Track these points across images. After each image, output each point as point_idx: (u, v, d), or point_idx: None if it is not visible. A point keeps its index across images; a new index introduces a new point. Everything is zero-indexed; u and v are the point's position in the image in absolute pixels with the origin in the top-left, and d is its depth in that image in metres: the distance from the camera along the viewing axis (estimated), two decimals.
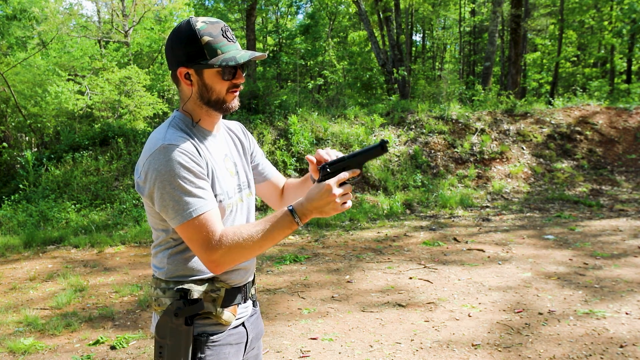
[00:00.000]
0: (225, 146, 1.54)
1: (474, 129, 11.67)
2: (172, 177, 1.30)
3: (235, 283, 1.48)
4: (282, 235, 1.32)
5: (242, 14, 18.99)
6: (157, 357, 1.41)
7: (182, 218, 1.31)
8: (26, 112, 12.64)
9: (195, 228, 1.31)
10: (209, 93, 1.40)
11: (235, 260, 1.33)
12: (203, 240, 1.30)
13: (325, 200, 1.31)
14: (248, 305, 1.56)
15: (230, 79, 1.40)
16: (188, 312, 1.36)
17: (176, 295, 1.38)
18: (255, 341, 1.61)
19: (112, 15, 16.71)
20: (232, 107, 1.44)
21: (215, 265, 1.32)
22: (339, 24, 25.71)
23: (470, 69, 28.89)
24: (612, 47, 22.30)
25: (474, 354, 3.37)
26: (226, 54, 1.36)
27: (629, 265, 5.32)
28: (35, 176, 9.31)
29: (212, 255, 1.30)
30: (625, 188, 10.05)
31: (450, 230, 7.42)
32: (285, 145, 10.17)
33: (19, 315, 4.41)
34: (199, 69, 1.37)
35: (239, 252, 1.30)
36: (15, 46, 15.89)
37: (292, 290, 4.89)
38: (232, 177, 1.49)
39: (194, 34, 1.35)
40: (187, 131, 1.42)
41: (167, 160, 1.31)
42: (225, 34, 1.39)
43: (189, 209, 1.30)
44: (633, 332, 3.61)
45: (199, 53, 1.35)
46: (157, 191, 1.32)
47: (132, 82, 12.54)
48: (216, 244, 1.30)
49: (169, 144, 1.33)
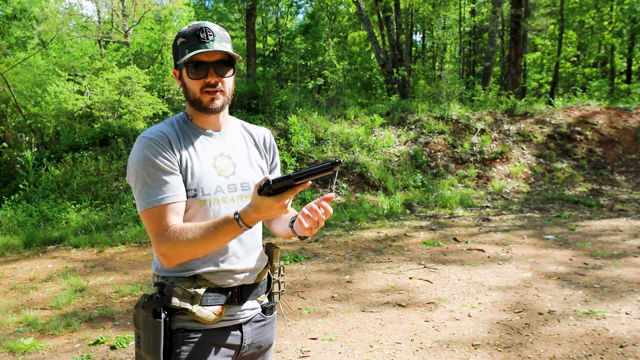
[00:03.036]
0: (228, 146, 1.54)
1: (474, 129, 11.67)
2: (140, 167, 1.39)
3: (222, 284, 1.46)
4: (227, 239, 1.35)
5: (242, 14, 18.98)
6: (136, 346, 1.46)
7: (141, 207, 1.38)
8: (26, 112, 12.64)
9: (150, 218, 1.37)
10: (188, 93, 1.47)
11: (183, 256, 1.37)
12: (156, 232, 1.37)
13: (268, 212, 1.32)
14: (248, 308, 1.52)
15: (198, 77, 1.43)
16: (153, 304, 1.40)
17: (155, 289, 1.43)
18: (255, 349, 1.56)
19: (112, 15, 16.72)
20: (209, 107, 1.45)
21: (163, 258, 1.37)
22: (339, 24, 25.71)
23: (470, 69, 28.88)
24: (612, 47, 22.31)
25: (474, 354, 3.37)
26: (191, 53, 1.40)
27: (629, 265, 5.32)
28: (35, 176, 9.31)
29: (161, 247, 1.36)
30: (625, 188, 10.05)
31: (450, 230, 7.42)
32: (285, 145, 10.17)
33: (19, 315, 4.41)
34: (177, 69, 1.48)
35: (183, 249, 1.34)
36: (15, 46, 15.89)
37: (292, 290, 4.89)
38: (221, 175, 1.48)
39: (176, 37, 1.46)
40: (176, 127, 1.48)
41: (139, 151, 1.40)
42: (199, 34, 1.41)
43: (149, 198, 1.37)
44: (633, 332, 3.61)
45: (175, 54, 1.46)
46: (131, 179, 1.42)
47: (132, 82, 12.53)
48: (165, 237, 1.35)
49: (143, 136, 1.42)
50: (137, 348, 1.45)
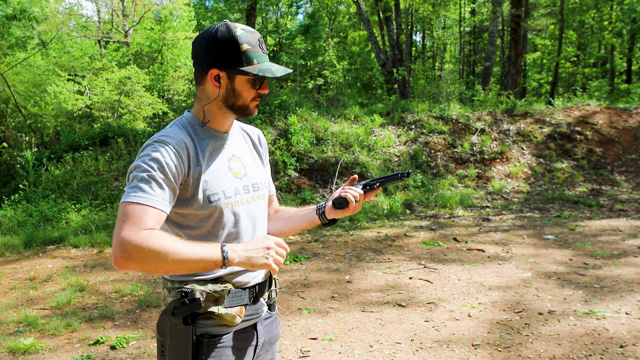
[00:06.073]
0: (236, 147, 1.55)
1: (474, 129, 11.67)
2: (144, 162, 1.31)
3: (241, 284, 1.47)
4: (201, 266, 1.27)
5: (242, 14, 18.99)
6: (160, 356, 1.42)
7: (126, 196, 1.28)
8: (26, 112, 12.65)
9: (130, 211, 1.25)
10: (235, 98, 1.43)
11: (145, 262, 1.23)
12: (129, 225, 1.23)
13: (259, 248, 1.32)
14: (260, 307, 1.55)
15: (259, 88, 1.45)
16: (185, 311, 1.36)
17: (178, 295, 1.39)
18: (268, 345, 1.60)
19: (112, 15, 16.72)
20: (253, 114, 1.49)
21: (122, 255, 1.21)
22: (339, 24, 25.73)
23: (470, 69, 28.89)
24: (612, 47, 22.32)
25: (474, 354, 3.37)
26: (262, 65, 1.41)
27: (629, 265, 5.32)
28: (35, 176, 9.31)
29: (127, 243, 1.21)
30: (625, 188, 10.05)
31: (450, 230, 7.42)
32: (285, 145, 10.17)
33: (19, 315, 4.41)
34: (232, 73, 1.40)
35: (151, 255, 1.22)
36: (15, 46, 15.90)
37: (292, 290, 4.89)
38: (237, 178, 1.49)
39: (234, 40, 1.38)
40: (190, 131, 1.44)
41: (151, 150, 1.34)
42: (261, 46, 1.44)
43: (138, 193, 1.27)
44: (633, 332, 3.61)
45: (236, 59, 1.38)
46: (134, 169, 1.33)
47: (132, 82, 12.54)
48: (138, 235, 1.22)
49: (161, 140, 1.36)
50: (162, 357, 1.41)
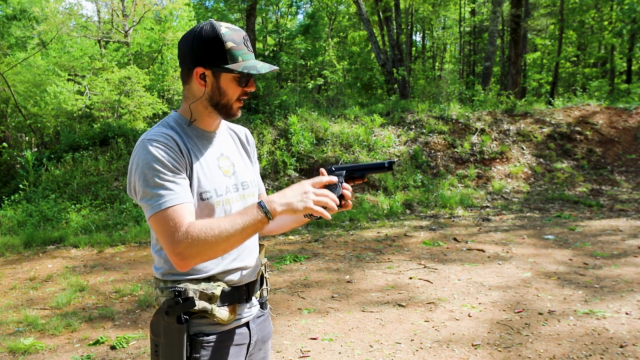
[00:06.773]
0: (224, 146, 1.55)
1: (474, 129, 11.67)
2: (147, 169, 1.32)
3: (234, 282, 1.48)
4: (252, 231, 1.29)
5: (242, 14, 18.99)
6: (154, 355, 1.42)
7: (152, 209, 1.30)
8: (26, 112, 12.65)
9: (163, 220, 1.29)
10: (220, 96, 1.43)
11: (201, 254, 1.28)
12: (169, 232, 1.28)
13: (297, 193, 1.31)
14: (253, 306, 1.56)
15: (244, 86, 1.44)
16: (178, 310, 1.37)
17: (171, 294, 1.39)
18: (261, 343, 1.61)
19: (112, 15, 16.73)
20: (236, 114, 1.47)
21: (179, 259, 1.27)
22: (339, 24, 25.72)
23: (470, 69, 28.89)
24: (612, 47, 22.32)
25: (474, 354, 3.37)
26: (247, 62, 1.40)
27: (629, 265, 5.32)
28: (35, 176, 9.31)
29: (177, 247, 1.26)
30: (625, 188, 10.05)
31: (450, 230, 7.42)
32: (285, 145, 10.17)
33: (19, 315, 4.41)
34: (217, 71, 1.40)
35: (205, 245, 1.26)
36: (15, 46, 15.90)
37: (292, 290, 4.89)
38: (226, 176, 1.49)
39: (218, 38, 1.38)
40: (177, 129, 1.44)
41: (145, 154, 1.33)
42: (246, 44, 1.43)
43: (159, 200, 1.30)
44: (633, 332, 3.61)
45: (221, 56, 1.38)
46: (137, 184, 1.34)
47: (132, 82, 12.55)
48: (181, 236, 1.26)
49: (148, 139, 1.36)
50: (155, 356, 1.41)
